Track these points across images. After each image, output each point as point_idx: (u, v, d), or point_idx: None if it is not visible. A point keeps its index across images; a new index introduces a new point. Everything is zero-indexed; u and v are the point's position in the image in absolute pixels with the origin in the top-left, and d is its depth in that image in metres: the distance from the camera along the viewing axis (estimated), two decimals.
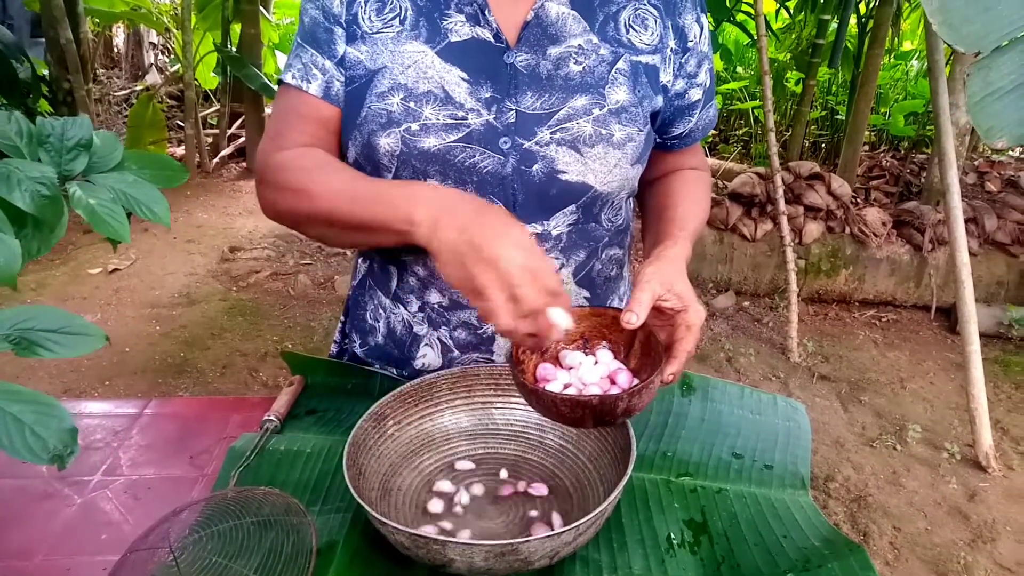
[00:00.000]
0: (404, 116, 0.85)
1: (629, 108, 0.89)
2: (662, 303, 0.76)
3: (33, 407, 0.67)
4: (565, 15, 0.88)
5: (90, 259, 3.97)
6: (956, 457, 2.65)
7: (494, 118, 0.86)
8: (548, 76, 0.87)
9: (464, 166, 0.86)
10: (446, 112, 0.85)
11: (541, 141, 0.87)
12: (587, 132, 0.87)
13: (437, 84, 0.85)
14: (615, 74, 0.88)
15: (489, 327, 0.98)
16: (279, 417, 0.95)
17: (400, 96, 0.85)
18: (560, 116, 0.86)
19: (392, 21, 0.87)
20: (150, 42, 7.75)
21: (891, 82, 5.95)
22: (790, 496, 0.89)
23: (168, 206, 0.87)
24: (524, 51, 0.87)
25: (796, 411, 1.04)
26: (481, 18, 0.86)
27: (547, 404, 0.72)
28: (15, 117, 0.81)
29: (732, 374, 3.21)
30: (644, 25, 0.91)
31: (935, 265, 3.70)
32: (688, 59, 0.95)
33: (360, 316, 1.07)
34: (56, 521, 0.82)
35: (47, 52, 4.53)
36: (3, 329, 0.71)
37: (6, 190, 0.73)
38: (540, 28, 0.87)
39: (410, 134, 0.85)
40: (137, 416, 1.01)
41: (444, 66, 0.85)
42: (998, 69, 0.61)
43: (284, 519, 0.76)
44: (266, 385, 2.97)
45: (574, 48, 0.88)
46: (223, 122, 5.90)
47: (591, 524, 0.69)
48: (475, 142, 0.86)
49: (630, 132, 0.89)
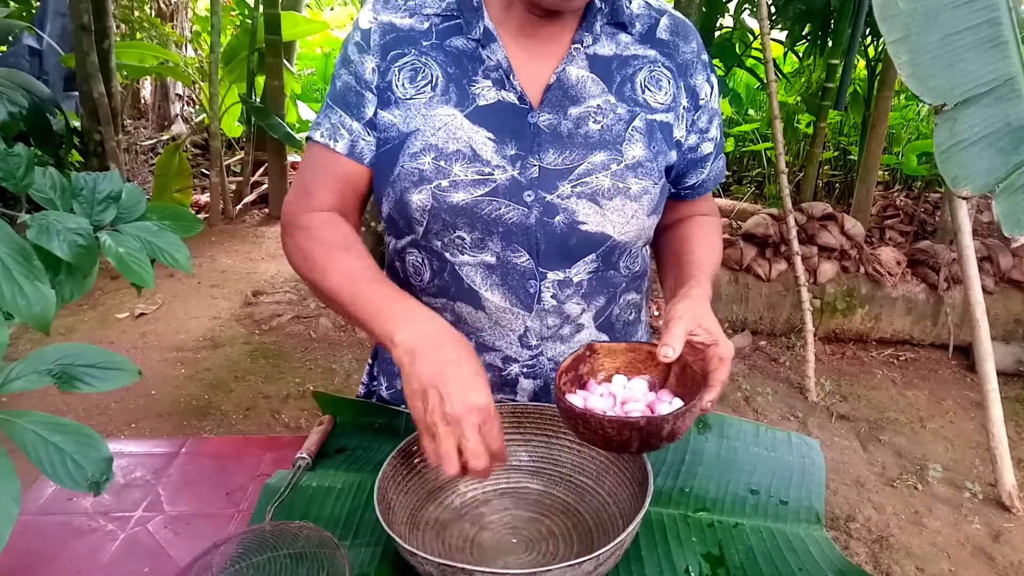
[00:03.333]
0: (435, 174, 0.91)
1: (645, 163, 0.94)
2: (693, 338, 0.82)
3: (74, 437, 0.71)
4: (585, 78, 0.94)
5: (117, 304, 4.06)
6: (978, 497, 2.63)
7: (518, 173, 0.91)
8: (569, 134, 0.92)
9: (491, 218, 0.92)
10: (474, 169, 0.91)
11: (563, 194, 0.92)
12: (605, 186, 0.92)
13: (466, 144, 0.91)
14: (631, 132, 0.94)
15: (513, 369, 1.02)
16: (311, 455, 0.99)
17: (431, 156, 0.91)
18: (580, 171, 0.92)
19: (424, 88, 0.93)
20: (176, 93, 7.99)
21: (903, 122, 6.01)
22: (805, 531, 0.91)
23: (189, 253, 0.93)
24: (547, 111, 0.92)
25: (810, 448, 1.06)
26: (507, 83, 0.92)
27: (593, 428, 0.75)
28: (50, 172, 0.87)
29: (750, 413, 3.21)
30: (658, 85, 0.97)
31: (951, 303, 3.70)
32: (700, 116, 1.01)
33: (388, 359, 1.12)
34: (101, 555, 0.86)
35: (79, 105, 4.71)
36: (46, 365, 0.76)
37: (46, 240, 0.78)
38: (561, 90, 0.93)
39: (440, 190, 0.91)
40: (175, 455, 1.06)
41: (472, 127, 0.91)
42: (963, 121, 0.66)
43: (318, 552, 0.80)
44: (288, 427, 3.01)
45: (593, 108, 0.93)
46: (247, 170, 6.05)
47: (611, 554, 0.72)
48: (501, 196, 0.91)
49: (646, 185, 0.94)
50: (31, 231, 0.77)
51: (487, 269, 0.96)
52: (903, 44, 0.65)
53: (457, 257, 0.95)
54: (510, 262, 0.95)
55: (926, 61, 0.68)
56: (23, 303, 0.74)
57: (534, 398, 1.04)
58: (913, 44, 0.65)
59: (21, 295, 0.74)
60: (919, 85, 0.66)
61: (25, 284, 0.74)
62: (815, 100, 4.90)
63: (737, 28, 5.11)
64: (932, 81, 0.65)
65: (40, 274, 0.76)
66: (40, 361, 0.75)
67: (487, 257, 0.95)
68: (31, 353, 0.75)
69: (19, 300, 0.74)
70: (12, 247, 0.75)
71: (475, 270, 0.96)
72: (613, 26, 0.96)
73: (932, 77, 0.66)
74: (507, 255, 0.94)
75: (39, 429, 0.70)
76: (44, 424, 0.71)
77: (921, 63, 0.68)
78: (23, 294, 0.74)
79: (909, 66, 0.67)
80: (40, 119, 3.97)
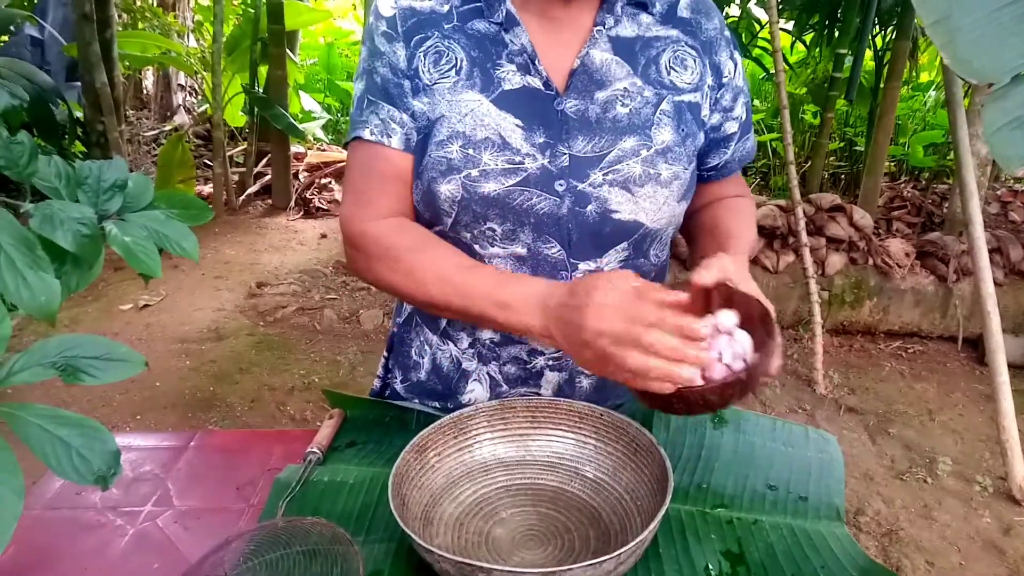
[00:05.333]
0: (464, 163, 0.88)
1: (674, 148, 0.92)
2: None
3: (79, 431, 0.69)
4: (609, 61, 0.91)
5: (121, 295, 4.05)
6: (988, 490, 2.61)
7: (548, 162, 0.89)
8: (597, 120, 0.90)
9: (522, 208, 0.90)
10: (504, 157, 0.88)
11: (594, 183, 0.90)
12: (636, 172, 0.90)
13: (494, 131, 0.88)
14: (660, 115, 0.92)
15: (539, 361, 1.01)
16: (321, 449, 0.97)
17: (459, 144, 0.88)
18: (611, 158, 0.90)
19: (448, 72, 0.90)
20: (178, 84, 7.96)
21: (910, 113, 5.97)
22: (825, 527, 0.89)
23: (197, 242, 0.90)
24: (573, 97, 0.90)
25: (828, 443, 1.05)
26: (532, 67, 0.90)
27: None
28: (55, 161, 0.85)
29: (758, 406, 3.19)
30: (684, 66, 0.95)
31: (960, 296, 3.67)
32: (723, 94, 0.98)
33: (404, 352, 1.10)
34: (110, 550, 0.85)
35: (82, 95, 4.69)
36: (50, 357, 0.74)
37: (50, 230, 0.76)
38: (587, 75, 0.91)
39: (470, 180, 0.88)
40: (183, 449, 1.04)
41: (499, 113, 0.89)
42: (1014, 98, 0.64)
43: (331, 548, 0.78)
44: (294, 419, 3.00)
45: (620, 91, 0.91)
46: (250, 161, 6.03)
47: (632, 552, 0.71)
48: (532, 185, 0.89)
49: (676, 170, 0.92)
50: (35, 220, 0.75)
51: (517, 261, 0.93)
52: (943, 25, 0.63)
53: (487, 249, 0.93)
54: (541, 253, 0.92)
55: (970, 41, 0.65)
56: (27, 294, 0.72)
57: (558, 391, 1.03)
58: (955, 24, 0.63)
59: (25, 286, 0.72)
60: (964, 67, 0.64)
61: (29, 274, 0.72)
62: (822, 91, 4.86)
63: (744, 17, 5.07)
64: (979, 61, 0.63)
65: (44, 264, 0.74)
66: (43, 353, 0.73)
67: (518, 249, 0.92)
68: (34, 345, 0.73)
69: (23, 291, 0.72)
70: (16, 237, 0.73)
71: (505, 262, 0.93)
72: (634, 6, 0.94)
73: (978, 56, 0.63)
74: (538, 246, 0.92)
75: (44, 423, 0.68)
76: (49, 417, 0.69)
77: (965, 43, 0.65)
78: (27, 285, 0.72)
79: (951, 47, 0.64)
80: (43, 109, 3.95)
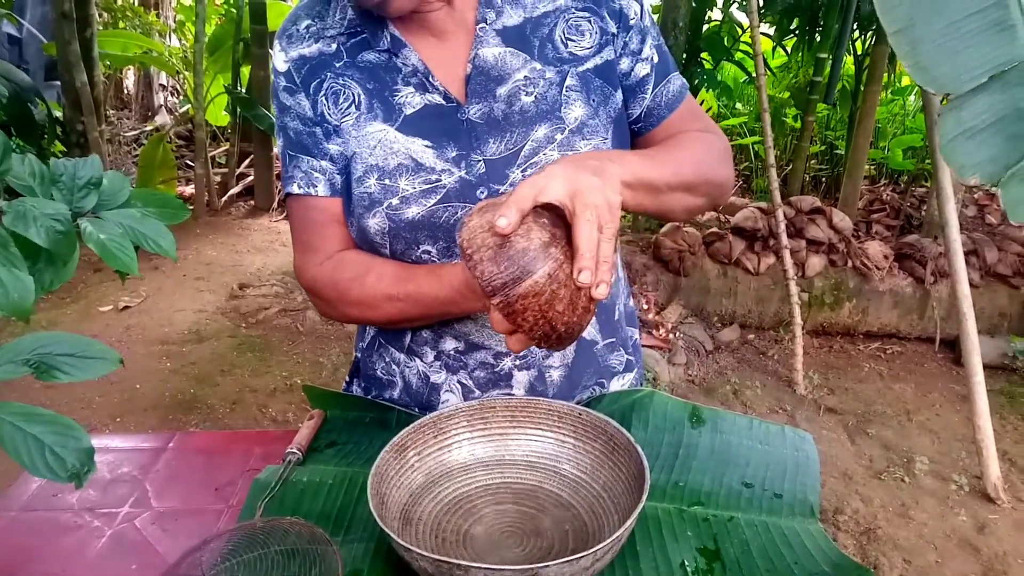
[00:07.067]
0: (383, 194, 0.89)
1: (588, 122, 0.91)
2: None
3: (52, 428, 0.69)
4: (502, 55, 0.90)
5: (100, 297, 4.01)
6: (964, 489, 2.65)
7: (465, 173, 0.89)
8: (504, 117, 0.89)
9: (450, 225, 0.90)
10: (420, 179, 0.88)
11: (514, 181, 0.89)
12: (554, 158, 0.88)
13: (405, 156, 0.89)
14: (567, 93, 0.90)
15: (505, 363, 1.01)
16: (301, 449, 0.97)
17: (375, 177, 0.89)
18: (526, 152, 0.89)
19: (349, 109, 0.91)
20: (160, 83, 7.90)
21: (889, 116, 6.04)
22: (800, 524, 0.91)
23: (173, 240, 0.90)
24: (475, 103, 0.89)
25: (804, 441, 1.06)
26: (428, 84, 0.89)
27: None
28: (28, 159, 0.85)
29: (739, 407, 3.21)
30: (580, 31, 0.92)
31: (938, 297, 3.73)
32: (631, 37, 0.94)
33: (370, 376, 1.10)
34: (88, 551, 0.84)
35: (61, 95, 4.64)
36: (23, 354, 0.74)
37: (23, 227, 0.75)
38: (483, 75, 0.90)
39: (392, 209, 0.89)
40: (162, 450, 1.04)
41: (407, 138, 0.89)
42: (970, 109, 0.65)
43: (310, 548, 0.79)
44: (275, 421, 2.99)
45: (521, 81, 0.90)
46: (232, 161, 5.99)
47: (609, 549, 0.71)
48: (454, 200, 0.89)
49: (595, 143, 0.91)
50: (7, 217, 0.74)
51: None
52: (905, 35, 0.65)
53: None
54: None
55: (930, 51, 0.67)
56: (0, 291, 0.71)
57: (530, 389, 1.03)
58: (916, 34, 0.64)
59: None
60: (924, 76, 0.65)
61: (2, 272, 0.71)
62: (803, 94, 4.91)
63: (726, 21, 5.11)
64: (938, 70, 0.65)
65: (17, 261, 0.74)
66: (17, 351, 0.73)
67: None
68: (7, 343, 0.73)
69: None
70: None
71: None
72: None
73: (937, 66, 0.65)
74: None
75: (15, 420, 0.68)
76: (21, 415, 0.68)
77: (925, 53, 0.67)
78: (0, 282, 0.71)
79: (912, 57, 0.66)
80: (21, 108, 3.91)
